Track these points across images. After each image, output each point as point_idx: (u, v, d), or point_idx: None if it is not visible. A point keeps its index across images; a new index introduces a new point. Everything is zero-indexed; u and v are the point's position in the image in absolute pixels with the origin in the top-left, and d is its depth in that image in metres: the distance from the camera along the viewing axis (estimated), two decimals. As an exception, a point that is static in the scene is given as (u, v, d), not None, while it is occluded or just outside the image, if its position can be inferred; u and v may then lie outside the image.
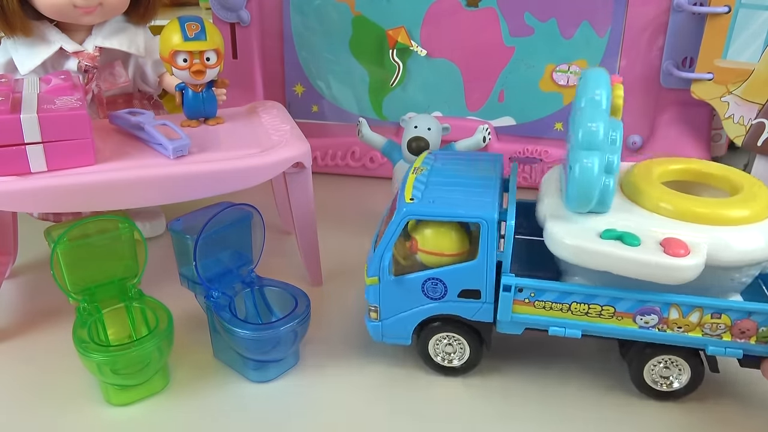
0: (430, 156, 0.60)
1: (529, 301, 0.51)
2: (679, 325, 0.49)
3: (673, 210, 0.48)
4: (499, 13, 0.83)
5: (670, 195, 0.50)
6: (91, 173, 0.55)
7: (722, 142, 0.96)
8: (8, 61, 0.67)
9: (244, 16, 0.86)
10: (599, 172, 0.46)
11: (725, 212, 0.48)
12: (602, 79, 0.48)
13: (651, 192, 0.50)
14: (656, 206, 0.49)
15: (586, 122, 0.46)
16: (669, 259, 0.45)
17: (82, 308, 0.54)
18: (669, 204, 0.49)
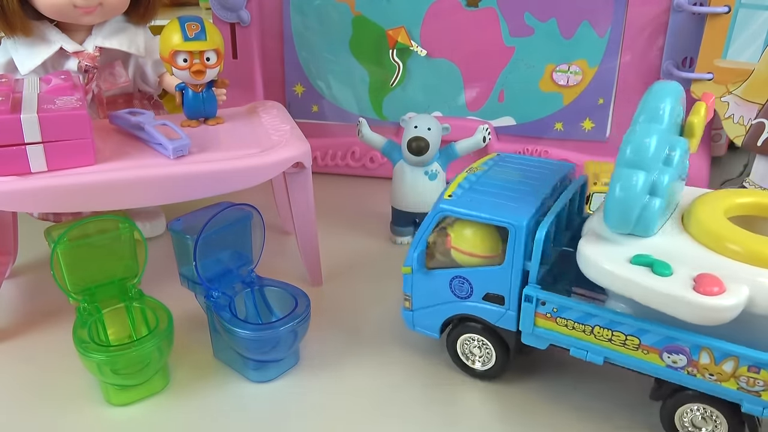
0: (496, 158, 0.59)
1: (551, 316, 0.49)
2: (710, 372, 0.44)
3: (742, 252, 0.43)
4: (499, 13, 0.83)
5: (738, 234, 0.44)
6: (91, 173, 0.55)
7: (722, 142, 0.96)
8: (8, 61, 0.68)
9: (244, 16, 0.86)
10: (641, 192, 0.43)
11: None
12: (669, 93, 0.45)
13: (716, 230, 0.45)
14: (722, 247, 0.44)
15: (636, 136, 0.44)
16: (697, 296, 0.41)
17: (82, 308, 0.54)
18: (738, 245, 0.43)
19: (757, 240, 0.44)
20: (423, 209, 0.73)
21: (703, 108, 0.48)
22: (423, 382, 0.55)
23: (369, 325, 0.62)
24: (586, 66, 0.84)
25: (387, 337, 0.60)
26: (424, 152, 0.70)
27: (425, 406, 0.52)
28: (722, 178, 0.86)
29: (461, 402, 0.53)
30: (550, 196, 0.52)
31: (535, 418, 0.51)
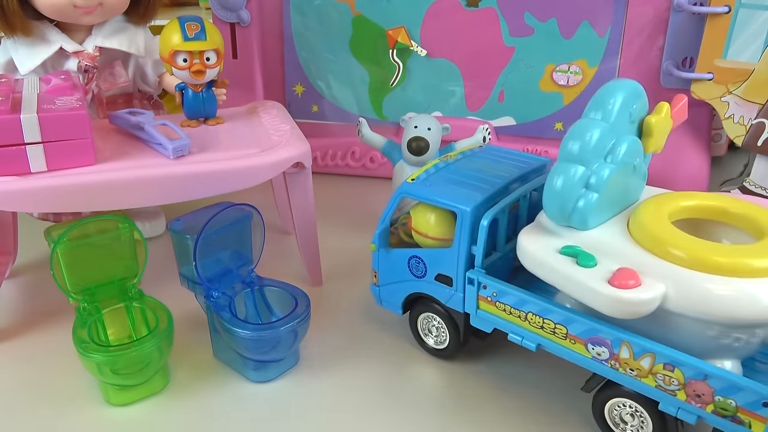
0: (477, 149, 0.61)
1: (491, 300, 0.51)
2: (630, 366, 0.44)
3: (686, 258, 0.42)
4: (499, 13, 0.83)
5: (682, 239, 0.43)
6: (91, 173, 0.55)
7: (722, 142, 0.96)
8: (8, 61, 0.68)
9: (244, 16, 0.86)
10: (577, 185, 0.44)
11: (751, 261, 0.41)
12: (620, 89, 0.45)
13: (660, 234, 0.44)
14: (665, 252, 0.43)
15: (577, 130, 0.45)
16: (610, 288, 0.42)
17: (82, 308, 0.54)
18: (682, 250, 0.43)
19: (684, 240, 0.43)
20: (423, 209, 0.73)
21: (665, 108, 0.48)
22: (423, 382, 0.55)
23: (369, 325, 0.62)
24: (586, 66, 0.84)
25: (387, 337, 0.60)
26: (424, 152, 0.70)
27: (426, 406, 0.52)
28: (722, 178, 0.86)
29: (462, 402, 0.53)
30: (508, 187, 0.53)
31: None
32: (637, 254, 0.44)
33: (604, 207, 0.46)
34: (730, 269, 0.41)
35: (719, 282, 0.41)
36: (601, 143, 0.45)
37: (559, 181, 0.45)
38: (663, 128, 0.48)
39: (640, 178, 0.50)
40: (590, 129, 0.44)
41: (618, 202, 0.48)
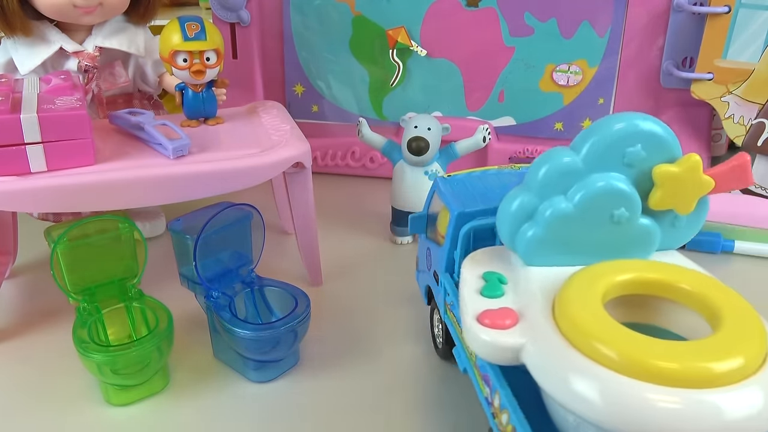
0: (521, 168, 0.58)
1: (449, 308, 0.48)
2: (499, 417, 0.39)
3: (617, 361, 0.33)
4: (499, 13, 0.83)
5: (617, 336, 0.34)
6: (91, 173, 0.55)
7: (722, 142, 0.96)
8: (8, 61, 0.68)
9: (244, 16, 0.86)
10: (515, 213, 0.41)
11: (707, 366, 0.32)
12: (614, 125, 0.40)
13: (588, 328, 0.35)
14: (593, 351, 0.34)
15: (542, 156, 0.41)
16: (472, 321, 0.38)
17: (82, 308, 0.54)
18: (611, 350, 0.33)
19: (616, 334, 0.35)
20: (423, 209, 0.73)
21: (691, 162, 0.40)
22: (423, 382, 0.55)
23: (369, 325, 0.62)
24: (586, 66, 0.84)
25: (387, 336, 0.60)
26: (424, 152, 0.70)
27: (426, 406, 0.52)
28: (722, 178, 0.86)
29: (462, 401, 0.53)
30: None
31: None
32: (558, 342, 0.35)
33: (557, 249, 0.42)
34: (678, 378, 0.32)
35: (665, 393, 0.31)
36: (559, 178, 0.40)
37: (505, 204, 0.42)
38: (681, 184, 0.41)
39: (635, 234, 0.42)
40: (551, 159, 0.40)
41: (590, 252, 0.42)
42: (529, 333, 0.37)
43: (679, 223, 0.43)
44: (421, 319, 0.62)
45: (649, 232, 0.42)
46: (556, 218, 0.40)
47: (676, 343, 0.34)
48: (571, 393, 0.33)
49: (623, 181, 0.40)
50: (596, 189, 0.40)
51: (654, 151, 0.41)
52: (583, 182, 0.40)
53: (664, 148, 0.41)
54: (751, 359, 0.33)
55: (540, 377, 0.35)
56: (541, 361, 0.36)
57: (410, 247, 0.76)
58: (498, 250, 0.46)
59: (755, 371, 0.33)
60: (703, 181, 0.41)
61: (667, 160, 0.41)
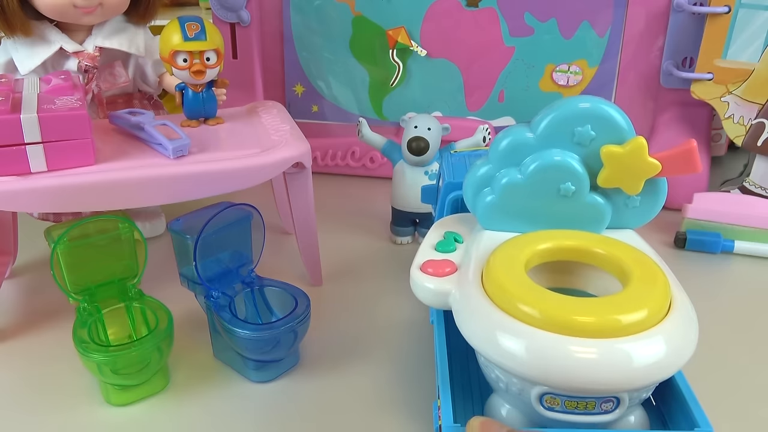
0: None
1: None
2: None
3: (540, 318, 0.36)
4: (499, 13, 0.83)
5: (534, 294, 0.38)
6: (91, 173, 0.55)
7: (722, 142, 0.96)
8: (8, 61, 0.68)
9: (244, 16, 0.86)
10: (477, 180, 0.46)
11: (616, 317, 0.36)
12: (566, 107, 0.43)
13: (511, 289, 0.38)
14: (515, 310, 0.37)
15: (503, 131, 0.45)
16: (416, 269, 0.44)
17: (82, 308, 0.54)
18: (533, 308, 0.37)
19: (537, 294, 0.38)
20: (423, 209, 0.73)
21: (635, 145, 0.43)
22: (424, 383, 0.55)
23: (369, 325, 0.62)
24: (586, 66, 0.84)
25: (387, 337, 0.60)
26: (424, 152, 0.70)
27: (426, 405, 0.52)
28: (722, 178, 0.86)
29: (461, 402, 0.53)
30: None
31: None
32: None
33: (511, 216, 0.46)
34: (593, 329, 0.36)
35: (583, 344, 0.35)
36: (515, 151, 0.44)
37: (471, 172, 0.47)
38: (626, 165, 0.43)
39: (584, 209, 0.45)
40: (510, 134, 0.44)
41: (542, 223, 0.46)
42: (460, 284, 0.41)
43: (632, 204, 0.46)
44: (421, 319, 0.62)
45: (598, 208, 0.45)
46: (509, 187, 0.45)
47: (589, 300, 0.38)
48: (497, 349, 0.37)
49: (571, 158, 0.44)
50: (543, 162, 0.44)
51: (603, 132, 0.43)
52: (533, 156, 0.44)
53: (613, 130, 0.43)
54: (655, 310, 0.37)
55: (468, 334, 0.39)
56: (467, 318, 0.39)
57: (410, 247, 0.76)
58: (468, 217, 0.50)
59: (659, 321, 0.37)
60: (648, 164, 0.43)
61: (617, 142, 0.43)
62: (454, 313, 0.41)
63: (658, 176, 0.44)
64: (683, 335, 0.37)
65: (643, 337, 0.36)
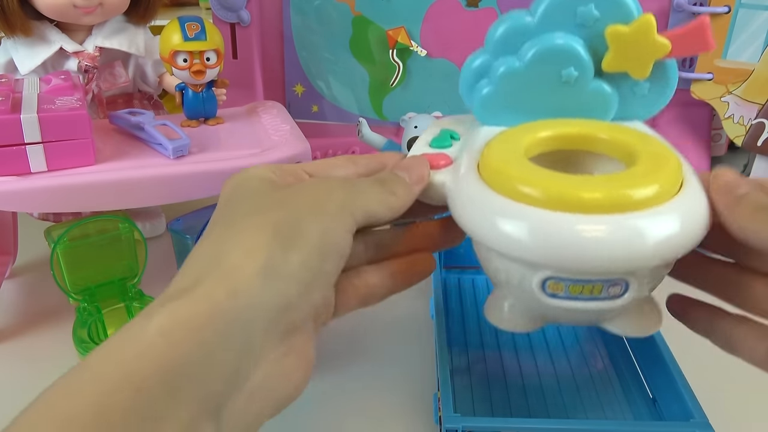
0: None
1: None
2: None
3: (543, 198, 0.33)
4: (499, 13, 0.83)
5: (537, 175, 0.35)
6: (91, 173, 0.55)
7: (722, 142, 0.96)
8: (8, 61, 0.68)
9: (244, 16, 0.86)
10: (472, 72, 0.43)
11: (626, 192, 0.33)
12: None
13: (508, 171, 0.35)
14: (512, 191, 0.34)
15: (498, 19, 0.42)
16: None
17: (82, 308, 0.54)
18: (534, 188, 0.34)
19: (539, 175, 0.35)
20: (423, 209, 0.73)
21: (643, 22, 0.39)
22: (423, 375, 0.55)
23: (368, 322, 0.62)
24: (586, 66, 0.84)
25: (386, 333, 0.60)
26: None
27: (427, 405, 0.52)
28: (722, 178, 0.86)
29: (461, 402, 0.53)
30: None
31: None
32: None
33: (510, 108, 0.42)
34: (601, 205, 0.32)
35: (590, 222, 0.32)
36: (513, 38, 0.41)
37: (466, 63, 0.44)
38: (633, 45, 0.40)
39: (588, 97, 0.42)
40: (507, 19, 0.41)
41: (543, 114, 0.42)
42: (455, 174, 0.38)
43: (640, 91, 0.42)
44: (420, 316, 0.62)
45: (603, 95, 0.42)
46: (507, 75, 0.41)
47: (595, 177, 0.37)
48: (497, 234, 0.34)
49: (573, 40, 0.40)
50: (544, 46, 0.40)
51: (608, 12, 0.40)
52: (533, 41, 0.40)
53: (619, 9, 0.40)
54: (666, 186, 0.34)
55: (465, 223, 0.36)
56: (463, 206, 0.36)
57: (410, 247, 0.76)
58: (465, 118, 0.47)
59: (672, 197, 0.34)
60: (657, 43, 0.40)
61: (622, 22, 0.40)
62: (450, 204, 0.38)
63: (668, 57, 0.41)
64: (696, 212, 0.34)
65: (655, 213, 0.32)
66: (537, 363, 0.51)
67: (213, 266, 0.31)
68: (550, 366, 0.50)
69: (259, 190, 0.36)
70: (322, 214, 0.33)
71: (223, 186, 0.37)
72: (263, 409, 0.32)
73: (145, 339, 0.28)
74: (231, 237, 0.32)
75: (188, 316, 0.29)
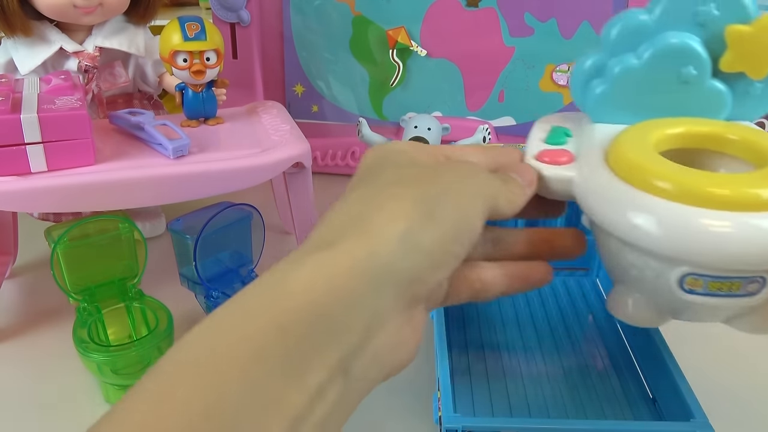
0: None
1: None
2: None
3: (673, 191, 0.34)
4: (499, 13, 0.83)
5: (668, 168, 0.36)
6: (91, 173, 0.55)
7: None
8: (8, 61, 0.68)
9: (244, 16, 0.86)
10: (586, 71, 0.43)
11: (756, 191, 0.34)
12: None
13: (645, 165, 0.36)
14: (650, 185, 0.35)
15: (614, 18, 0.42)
16: (531, 159, 0.41)
17: (82, 308, 0.54)
18: (669, 182, 0.35)
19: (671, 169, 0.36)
20: (423, 209, 0.73)
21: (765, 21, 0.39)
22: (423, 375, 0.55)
23: (369, 325, 0.62)
24: (586, 66, 0.84)
25: (387, 337, 0.60)
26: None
27: (427, 405, 0.52)
28: (722, 178, 0.86)
29: (461, 402, 0.53)
30: None
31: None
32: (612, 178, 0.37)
33: (625, 107, 0.43)
34: (730, 202, 0.33)
35: (718, 217, 0.33)
36: (630, 36, 0.41)
37: (578, 63, 0.44)
38: (753, 45, 0.40)
39: (703, 96, 0.42)
40: (624, 18, 0.42)
41: (658, 113, 0.42)
42: (583, 169, 0.39)
43: (753, 91, 0.42)
44: (421, 319, 0.62)
45: (719, 94, 0.42)
46: (625, 74, 0.41)
47: (726, 175, 0.38)
48: (629, 224, 0.35)
49: (693, 39, 0.40)
50: (664, 45, 0.40)
51: (727, 11, 0.40)
52: (652, 39, 0.41)
53: (738, 8, 0.40)
54: None
55: (595, 210, 0.37)
56: (597, 200, 0.37)
57: (410, 247, 0.76)
58: (570, 115, 0.47)
59: None
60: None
61: (741, 22, 0.40)
62: (580, 199, 0.39)
63: None
64: None
65: None
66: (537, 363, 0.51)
67: (355, 225, 0.32)
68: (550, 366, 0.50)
69: (402, 162, 0.37)
70: (461, 196, 0.34)
71: (363, 156, 0.39)
72: (379, 373, 0.33)
73: (290, 287, 0.29)
74: (373, 200, 0.33)
75: (331, 268, 0.30)
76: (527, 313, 0.55)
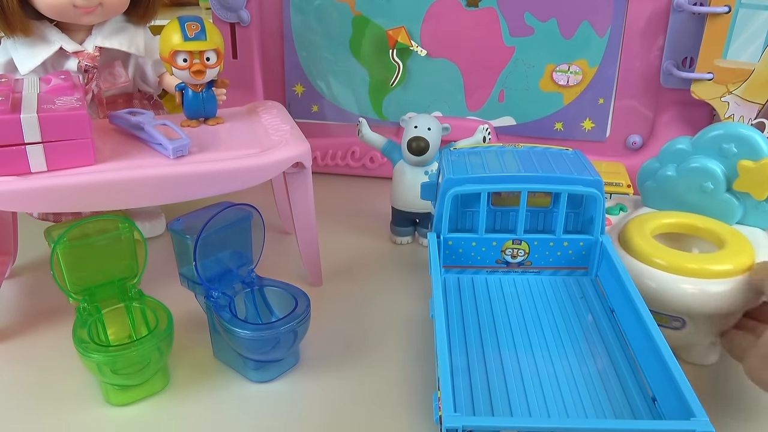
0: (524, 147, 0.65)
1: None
2: None
3: (665, 265, 0.53)
4: (499, 13, 0.83)
5: (661, 250, 0.54)
6: (91, 173, 0.55)
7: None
8: (8, 61, 0.68)
9: (244, 16, 0.86)
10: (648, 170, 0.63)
11: (712, 267, 0.52)
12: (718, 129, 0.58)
13: (644, 247, 0.55)
14: (649, 260, 0.54)
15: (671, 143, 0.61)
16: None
17: (82, 308, 0.54)
18: (661, 259, 0.54)
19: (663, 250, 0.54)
20: (423, 209, 0.73)
21: (764, 162, 0.55)
22: (424, 376, 0.55)
23: (369, 324, 0.62)
24: (586, 66, 0.84)
25: (387, 336, 0.60)
26: (424, 152, 0.70)
27: (427, 405, 0.52)
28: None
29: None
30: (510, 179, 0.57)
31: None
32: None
33: (665, 200, 0.61)
34: (698, 273, 0.52)
35: (691, 283, 0.52)
36: (676, 154, 0.60)
37: (645, 165, 0.63)
38: (755, 176, 0.56)
39: (719, 204, 0.59)
40: (674, 143, 0.60)
41: (684, 207, 0.60)
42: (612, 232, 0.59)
43: (762, 208, 0.58)
44: (420, 318, 0.62)
45: (731, 205, 0.59)
46: (665, 179, 0.61)
47: (697, 254, 0.56)
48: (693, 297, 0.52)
49: (715, 165, 0.58)
50: (692, 165, 0.59)
51: (743, 150, 0.57)
52: (689, 160, 0.59)
53: (752, 149, 0.57)
54: (737, 265, 0.52)
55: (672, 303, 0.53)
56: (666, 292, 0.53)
57: (410, 247, 0.76)
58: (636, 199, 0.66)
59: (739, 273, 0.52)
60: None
61: (752, 158, 0.56)
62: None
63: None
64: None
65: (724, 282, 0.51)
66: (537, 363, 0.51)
67: None
68: (550, 366, 0.50)
69: None
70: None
71: None
72: None
73: None
74: None
75: None
76: (527, 313, 0.55)
